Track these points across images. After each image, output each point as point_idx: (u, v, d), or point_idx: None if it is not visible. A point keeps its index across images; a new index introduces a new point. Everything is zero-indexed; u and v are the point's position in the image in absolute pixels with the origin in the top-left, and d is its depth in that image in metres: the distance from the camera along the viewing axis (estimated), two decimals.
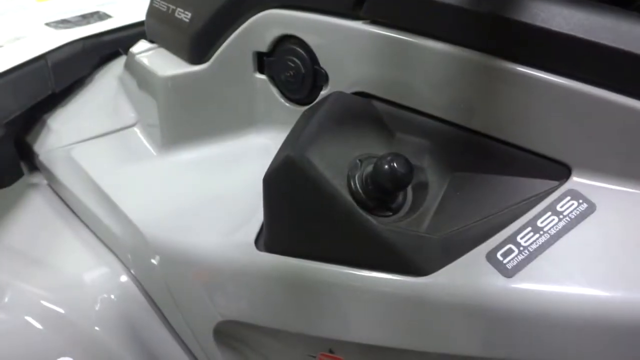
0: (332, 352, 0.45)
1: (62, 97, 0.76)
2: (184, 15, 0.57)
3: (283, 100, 0.54)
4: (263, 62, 0.54)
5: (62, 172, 0.63)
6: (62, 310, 0.53)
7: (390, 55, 0.44)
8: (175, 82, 0.57)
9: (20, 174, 0.65)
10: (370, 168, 0.39)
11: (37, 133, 0.71)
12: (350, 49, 0.46)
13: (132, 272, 0.56)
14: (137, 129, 0.65)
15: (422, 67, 0.43)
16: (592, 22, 0.36)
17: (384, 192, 0.38)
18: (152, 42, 0.66)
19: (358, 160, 0.40)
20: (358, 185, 0.39)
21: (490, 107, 0.41)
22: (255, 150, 0.56)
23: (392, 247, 0.37)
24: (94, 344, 0.53)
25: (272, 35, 0.52)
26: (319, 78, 0.50)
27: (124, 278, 0.56)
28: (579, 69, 0.37)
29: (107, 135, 0.66)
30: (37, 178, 0.68)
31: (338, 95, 0.45)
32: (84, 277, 0.56)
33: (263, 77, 0.55)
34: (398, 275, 0.38)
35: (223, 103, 0.57)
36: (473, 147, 0.42)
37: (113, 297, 0.55)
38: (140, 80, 0.64)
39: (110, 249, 0.58)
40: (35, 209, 0.64)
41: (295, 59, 0.50)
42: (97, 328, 0.53)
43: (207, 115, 0.58)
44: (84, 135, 0.66)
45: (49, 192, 0.66)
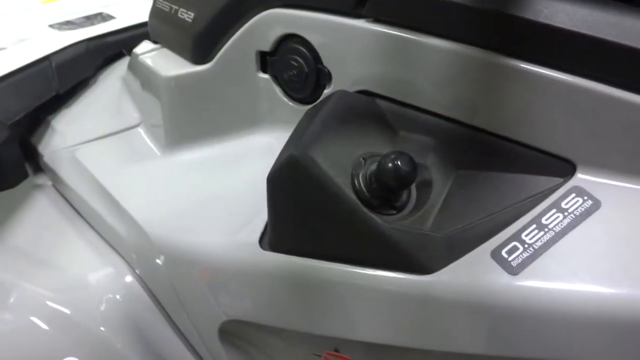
0: (337, 350, 0.45)
1: (66, 98, 0.76)
2: (187, 16, 0.57)
3: (286, 100, 0.54)
4: (266, 61, 0.54)
5: (66, 172, 0.64)
6: (67, 311, 0.53)
7: (393, 54, 0.44)
8: (179, 82, 0.57)
9: (25, 175, 0.65)
10: (374, 166, 0.39)
11: (41, 134, 0.71)
12: (353, 48, 0.46)
13: (137, 272, 0.56)
14: (140, 130, 0.66)
15: (425, 64, 0.43)
16: (595, 18, 0.36)
17: (388, 190, 0.38)
18: (155, 42, 0.66)
19: (362, 159, 0.40)
20: (362, 184, 0.39)
21: (494, 104, 0.41)
22: (259, 150, 0.56)
23: (396, 245, 0.37)
24: (100, 344, 0.53)
25: (275, 35, 0.52)
26: (322, 77, 0.50)
27: (129, 278, 0.56)
28: (583, 65, 0.37)
29: (111, 136, 0.66)
30: (42, 179, 0.69)
31: (341, 94, 0.45)
32: (89, 277, 0.56)
33: (266, 76, 0.55)
34: (402, 274, 0.38)
35: (226, 103, 0.57)
36: (477, 144, 0.42)
37: (118, 297, 0.55)
38: (144, 81, 0.64)
39: (115, 249, 0.58)
40: (40, 210, 0.64)
41: (299, 58, 0.50)
42: (102, 328, 0.53)
43: (210, 115, 0.58)
44: (88, 136, 0.66)
45: (54, 192, 0.67)
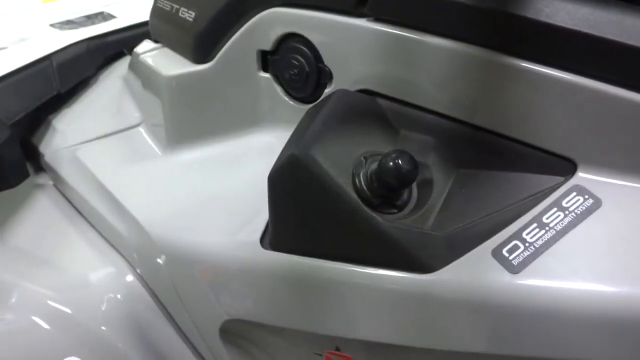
0: (338, 349, 0.45)
1: (67, 97, 0.76)
2: (188, 15, 0.57)
3: (287, 99, 0.54)
4: (267, 60, 0.54)
5: (67, 172, 0.64)
6: (68, 310, 0.53)
7: (394, 53, 0.44)
8: (180, 81, 0.57)
9: (26, 175, 0.65)
10: (375, 165, 0.39)
11: (42, 134, 0.71)
12: (354, 47, 0.46)
13: (138, 271, 0.56)
14: (141, 129, 0.66)
15: (426, 64, 0.43)
16: (596, 17, 0.36)
17: (389, 189, 0.38)
18: (156, 42, 0.66)
19: (363, 158, 0.40)
20: (363, 183, 0.39)
21: (495, 103, 0.41)
22: (260, 149, 0.56)
23: (397, 244, 0.37)
24: (101, 344, 0.53)
25: (276, 34, 0.52)
26: (323, 76, 0.50)
27: (130, 277, 0.56)
28: (584, 64, 0.37)
29: (112, 136, 0.66)
30: (43, 178, 0.69)
31: (342, 93, 0.45)
32: (90, 277, 0.56)
33: (267, 75, 0.55)
34: (403, 273, 0.38)
35: (227, 102, 0.57)
36: (478, 143, 0.42)
37: (119, 296, 0.55)
38: (145, 80, 0.64)
39: (116, 249, 0.58)
40: (41, 210, 0.64)
41: (299, 57, 0.50)
42: (103, 328, 0.53)
43: (211, 115, 0.58)
44: (89, 136, 0.66)
45: (55, 192, 0.67)
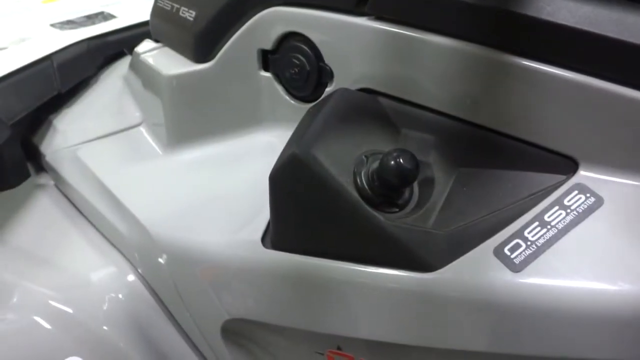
0: (340, 349, 0.45)
1: (67, 97, 0.76)
2: (188, 14, 0.57)
3: (288, 98, 0.54)
4: (268, 59, 0.54)
5: (68, 172, 0.64)
6: (70, 310, 0.53)
7: (395, 51, 0.44)
8: (180, 81, 0.57)
9: (27, 175, 0.65)
10: (376, 164, 0.39)
11: (43, 134, 0.71)
12: (355, 46, 0.46)
13: (139, 271, 0.56)
14: (142, 129, 0.66)
15: (427, 62, 0.43)
16: (598, 14, 0.36)
17: (390, 188, 0.38)
18: (156, 41, 0.66)
19: (364, 157, 0.40)
20: (364, 182, 0.39)
21: (496, 101, 0.40)
22: (261, 148, 0.56)
23: (398, 243, 0.37)
24: (102, 343, 0.53)
25: (276, 33, 0.52)
26: (324, 75, 0.50)
27: (131, 277, 0.56)
28: (585, 62, 0.37)
29: (112, 135, 0.66)
30: (43, 178, 0.69)
31: (343, 92, 0.45)
32: (92, 276, 0.56)
33: (268, 74, 0.55)
34: (405, 271, 0.38)
35: (228, 101, 0.57)
36: (479, 142, 0.42)
37: (121, 296, 0.55)
38: (145, 80, 0.64)
39: (117, 248, 0.58)
40: (42, 210, 0.64)
41: (300, 56, 0.50)
42: (105, 327, 0.53)
43: (212, 114, 0.58)
44: (90, 136, 0.66)
45: (56, 192, 0.67)
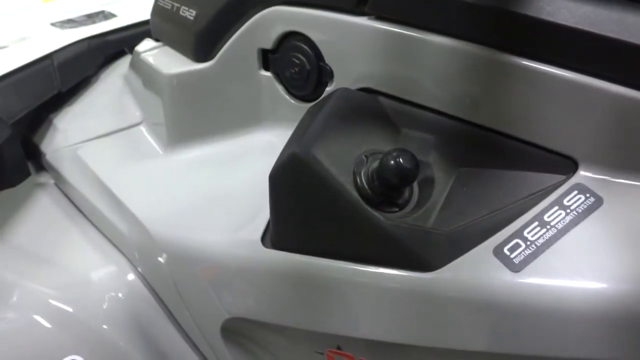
0: (339, 348, 0.45)
1: (68, 96, 0.76)
2: (189, 13, 0.57)
3: (288, 97, 0.54)
4: (268, 59, 0.54)
5: (68, 171, 0.64)
6: (70, 309, 0.53)
7: (395, 51, 0.44)
8: (181, 80, 0.57)
9: (28, 174, 0.65)
10: (376, 164, 0.39)
11: (43, 133, 0.71)
12: (355, 45, 0.46)
13: (139, 270, 0.56)
14: (142, 128, 0.66)
15: (427, 62, 0.43)
16: (598, 15, 0.36)
17: (390, 187, 0.38)
18: (157, 40, 0.66)
19: (364, 156, 0.40)
20: (364, 181, 0.39)
21: (496, 101, 0.40)
22: (261, 148, 0.56)
23: (398, 242, 0.37)
24: (102, 342, 0.53)
25: (276, 32, 0.52)
26: (324, 74, 0.50)
27: (131, 276, 0.56)
28: (585, 62, 0.37)
29: (113, 134, 0.66)
30: (44, 177, 0.69)
31: (343, 92, 0.45)
32: (92, 275, 0.56)
33: (268, 74, 0.55)
34: (405, 271, 0.38)
35: (228, 100, 0.57)
36: (479, 142, 0.42)
37: (121, 295, 0.55)
38: (146, 79, 0.64)
39: (117, 248, 0.58)
40: (43, 209, 0.64)
41: (300, 56, 0.50)
42: (105, 326, 0.53)
43: (212, 113, 0.58)
44: (90, 135, 0.66)
45: (56, 191, 0.67)
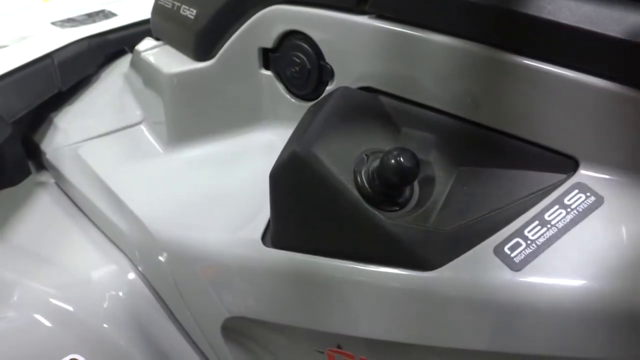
0: (340, 347, 0.45)
1: (68, 95, 0.76)
2: (189, 12, 0.57)
3: (289, 96, 0.54)
4: (268, 58, 0.54)
5: (69, 170, 0.64)
6: (70, 308, 0.53)
7: (396, 50, 0.44)
8: (181, 79, 0.57)
9: (28, 173, 0.65)
10: (377, 163, 0.39)
11: (44, 132, 0.71)
12: (356, 44, 0.46)
13: (139, 269, 0.56)
14: (143, 127, 0.66)
15: (428, 61, 0.43)
16: (599, 14, 0.36)
17: (391, 186, 0.38)
18: (157, 39, 0.66)
19: (364, 155, 0.40)
20: (364, 180, 0.39)
21: (497, 100, 0.40)
22: (261, 147, 0.56)
23: (399, 241, 0.37)
24: (103, 341, 0.53)
25: (277, 31, 0.52)
26: (325, 73, 0.50)
27: (132, 275, 0.56)
28: (586, 62, 0.37)
29: (113, 133, 0.66)
30: (44, 176, 0.69)
31: (344, 91, 0.45)
32: (92, 274, 0.56)
33: (268, 73, 0.55)
34: (405, 270, 0.38)
35: (229, 99, 0.57)
36: (480, 141, 0.42)
37: (121, 294, 0.55)
38: (146, 78, 0.64)
39: (118, 247, 0.58)
40: (43, 208, 0.64)
41: (301, 55, 0.50)
42: (105, 325, 0.53)
43: (213, 112, 0.58)
44: (91, 134, 0.66)
45: (57, 190, 0.67)
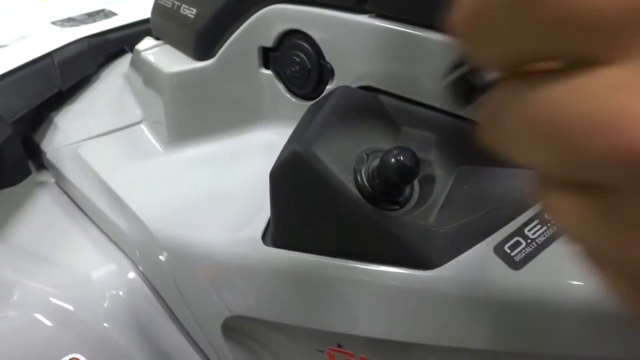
0: (340, 346, 0.45)
1: (68, 95, 0.76)
2: (189, 12, 0.57)
3: (289, 96, 0.54)
4: (268, 57, 0.54)
5: (69, 169, 0.64)
6: (70, 307, 0.53)
7: (396, 49, 0.44)
8: (181, 78, 0.57)
9: (28, 172, 0.65)
10: (377, 162, 0.38)
11: (44, 131, 0.71)
12: (356, 43, 0.46)
13: (139, 268, 0.56)
14: (143, 126, 0.66)
15: (428, 60, 0.42)
16: None
17: (391, 185, 0.38)
18: (157, 39, 0.66)
19: (364, 155, 0.40)
20: (365, 179, 0.39)
21: None
22: (262, 146, 0.56)
23: (399, 240, 0.37)
24: (103, 341, 0.53)
25: (277, 30, 0.51)
26: (325, 72, 0.50)
27: (132, 275, 0.56)
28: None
29: (113, 133, 0.66)
30: (44, 176, 0.69)
31: (344, 90, 0.45)
32: (92, 274, 0.56)
33: (268, 72, 0.55)
34: (405, 269, 0.38)
35: (229, 99, 0.57)
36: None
37: (121, 293, 0.55)
38: (146, 77, 0.64)
39: (118, 246, 0.58)
40: (43, 207, 0.64)
41: (301, 54, 0.50)
42: (105, 324, 0.53)
43: (213, 111, 0.58)
44: (91, 133, 0.66)
45: (57, 190, 0.67)
